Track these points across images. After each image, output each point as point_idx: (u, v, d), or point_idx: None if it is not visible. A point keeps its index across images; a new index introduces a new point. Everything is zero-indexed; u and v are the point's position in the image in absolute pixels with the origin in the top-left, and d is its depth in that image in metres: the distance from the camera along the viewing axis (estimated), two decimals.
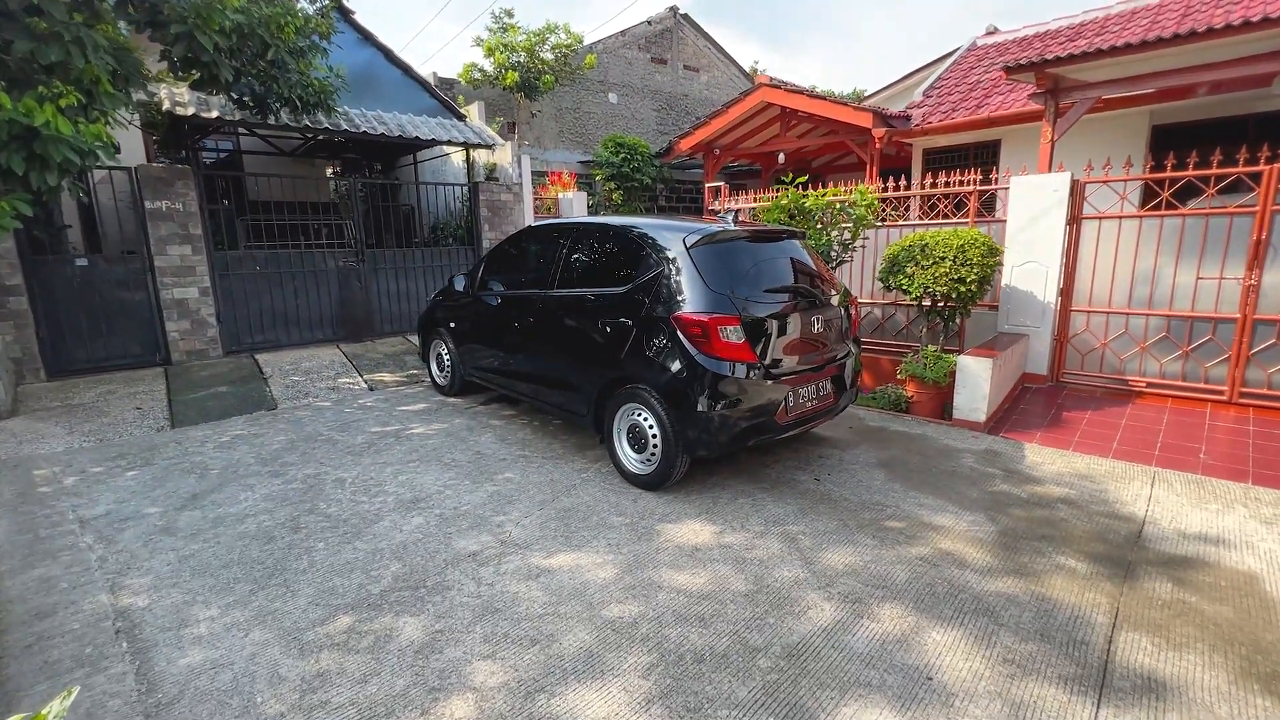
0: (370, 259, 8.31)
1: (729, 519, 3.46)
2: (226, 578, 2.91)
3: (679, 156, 12.60)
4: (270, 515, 3.51)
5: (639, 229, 3.97)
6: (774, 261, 3.99)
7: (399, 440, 4.71)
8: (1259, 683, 2.25)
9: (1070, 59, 5.09)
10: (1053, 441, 4.65)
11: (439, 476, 4.03)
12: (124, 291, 6.62)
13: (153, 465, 4.27)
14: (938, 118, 9.41)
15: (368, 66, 8.59)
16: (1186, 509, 3.59)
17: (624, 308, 3.84)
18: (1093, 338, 5.57)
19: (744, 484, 3.92)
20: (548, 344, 4.45)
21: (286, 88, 5.29)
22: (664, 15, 15.87)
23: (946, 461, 4.32)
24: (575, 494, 3.77)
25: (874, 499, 3.73)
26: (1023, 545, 3.21)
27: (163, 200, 6.64)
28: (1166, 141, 7.87)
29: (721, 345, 3.44)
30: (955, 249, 4.98)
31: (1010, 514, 3.55)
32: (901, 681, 2.24)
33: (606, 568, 2.97)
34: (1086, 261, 5.53)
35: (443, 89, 12.44)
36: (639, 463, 3.85)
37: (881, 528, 3.37)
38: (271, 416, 5.37)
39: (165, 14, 4.04)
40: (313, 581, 2.87)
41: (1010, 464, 4.27)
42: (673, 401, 3.53)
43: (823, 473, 4.12)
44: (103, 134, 4.02)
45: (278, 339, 7.70)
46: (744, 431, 3.57)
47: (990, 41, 11.86)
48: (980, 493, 3.83)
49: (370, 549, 3.15)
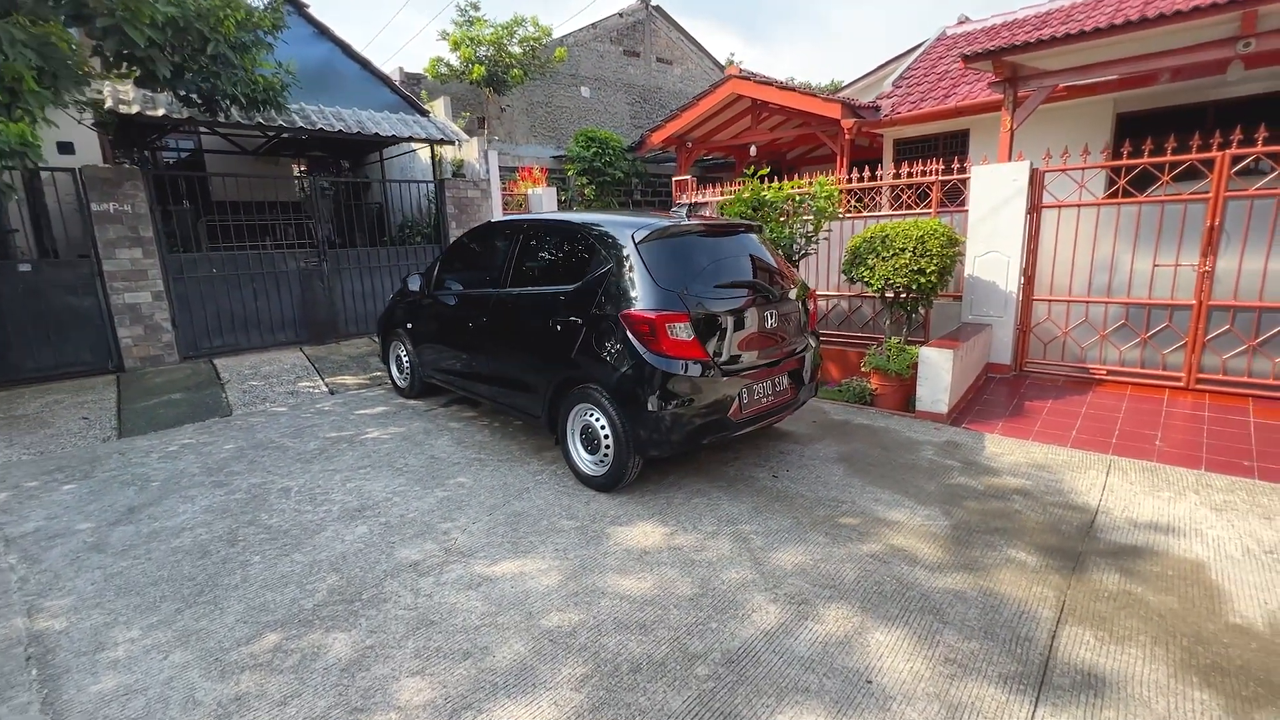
0: (333, 258, 8.13)
1: (682, 519, 3.40)
2: (153, 596, 2.79)
3: (652, 150, 12.49)
4: (208, 528, 3.39)
5: (588, 225, 3.88)
6: (728, 256, 3.92)
7: (352, 446, 4.59)
8: (1198, 675, 2.23)
9: (1025, 47, 5.07)
10: (1013, 431, 4.64)
11: (389, 483, 3.92)
12: (72, 297, 6.41)
13: (92, 478, 4.12)
14: (906, 108, 9.39)
15: (325, 62, 8.38)
16: (1139, 497, 3.59)
17: (574, 306, 3.75)
18: (1055, 326, 5.58)
19: (701, 483, 3.87)
20: (502, 344, 4.35)
21: (230, 84, 5.11)
22: (636, 7, 15.71)
23: (907, 454, 4.29)
24: (527, 497, 3.69)
25: (831, 495, 3.69)
26: (975, 539, 3.18)
27: (110, 202, 6.43)
28: (1131, 129, 7.91)
29: (670, 343, 3.37)
30: (915, 240, 4.95)
31: (965, 507, 3.52)
32: (840, 686, 2.19)
33: (551, 574, 2.90)
34: (1047, 250, 5.53)
35: (409, 84, 12.22)
36: (593, 464, 3.78)
37: (835, 525, 3.33)
38: (224, 424, 5.22)
39: (91, 6, 3.86)
40: (244, 598, 2.76)
41: (969, 456, 4.25)
42: (623, 401, 3.46)
43: (782, 469, 4.08)
44: (26, 134, 3.84)
45: (238, 343, 7.51)
46: (697, 430, 3.51)
47: (960, 31, 11.87)
48: (937, 486, 3.80)
49: (308, 561, 3.05)
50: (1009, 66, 5.49)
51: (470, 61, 11.06)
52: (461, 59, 11.17)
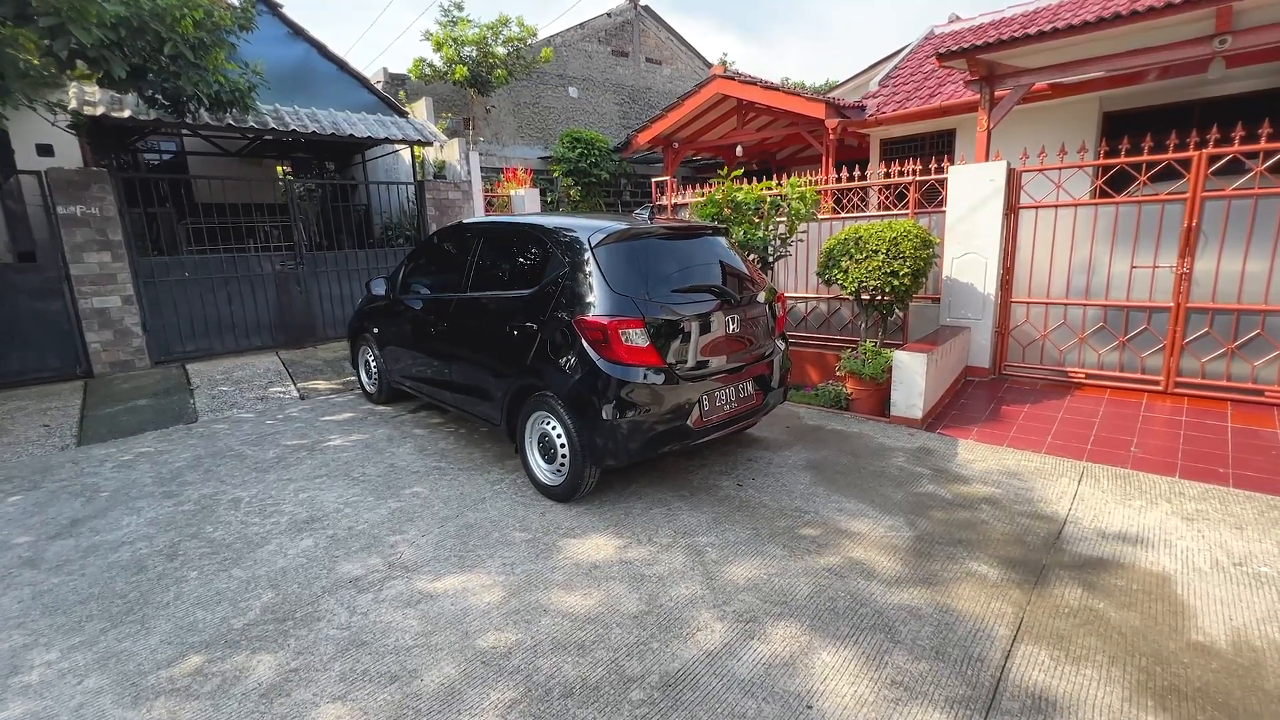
0: (310, 261, 8.03)
1: (637, 531, 3.30)
2: (80, 615, 2.69)
3: (639, 150, 12.39)
4: (149, 542, 3.29)
5: (545, 228, 3.78)
6: (691, 260, 3.82)
7: (312, 454, 4.49)
8: (1153, 698, 2.13)
9: (999, 45, 4.97)
10: (988, 437, 4.55)
11: (343, 493, 3.82)
12: (38, 301, 6.30)
13: (40, 489, 4.02)
14: (891, 108, 9.30)
15: (301, 62, 8.29)
16: (1110, 506, 3.49)
17: (530, 311, 3.65)
18: (1033, 329, 5.48)
19: (663, 492, 3.77)
20: (462, 348, 4.25)
21: (191, 84, 5.01)
22: (624, 7, 15.62)
23: (877, 461, 4.20)
24: (482, 508, 3.59)
25: (794, 504, 3.59)
26: (937, 551, 3.08)
27: (77, 205, 6.32)
28: (1118, 128, 7.82)
29: (624, 349, 3.27)
30: (888, 242, 4.85)
31: (931, 517, 3.43)
32: (779, 712, 2.10)
33: (494, 590, 2.80)
34: (1025, 252, 5.43)
35: (394, 85, 12.11)
36: (550, 473, 3.68)
37: (795, 536, 3.24)
38: (186, 431, 5.12)
39: (35, 6, 3.76)
40: (173, 617, 2.66)
41: (940, 462, 4.16)
42: (577, 409, 3.36)
43: (748, 477, 3.98)
44: None
45: (212, 347, 7.41)
46: (654, 439, 3.41)
47: (948, 30, 11.78)
48: (905, 494, 3.70)
49: (247, 577, 2.95)
50: (984, 65, 5.40)
51: (453, 62, 10.96)
52: (444, 59, 11.07)
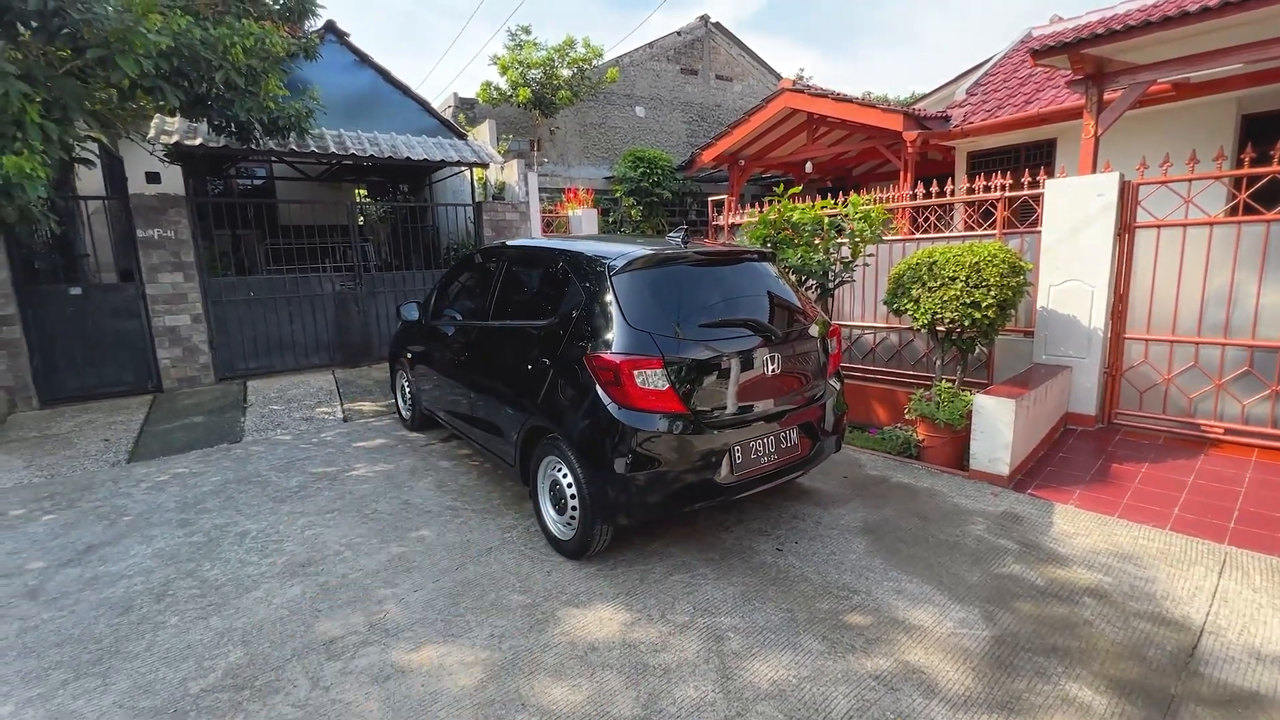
0: (369, 282, 8.16)
1: (650, 604, 2.84)
2: (51, 661, 2.55)
3: (703, 168, 12.01)
4: (146, 577, 3.17)
5: (565, 252, 3.45)
6: (727, 289, 3.37)
7: (333, 484, 4.34)
8: None
9: (1109, 36, 4.21)
10: (1094, 503, 3.76)
11: (348, 532, 3.60)
12: (117, 319, 6.67)
13: (74, 508, 4.07)
14: (980, 117, 8.44)
15: (368, 88, 8.53)
16: (1266, 613, 2.69)
17: (545, 344, 3.31)
18: (1153, 371, 4.58)
19: (688, 553, 3.29)
20: (481, 380, 3.98)
21: (244, 111, 5.11)
22: (694, 25, 15.39)
23: (950, 528, 3.53)
24: (485, 561, 3.25)
25: (842, 580, 3.02)
26: (1023, 662, 2.43)
27: (155, 229, 6.67)
28: (1260, 133, 6.66)
29: (639, 393, 2.85)
30: (968, 267, 4.17)
31: (1016, 610, 2.76)
32: None
33: (474, 670, 2.43)
34: (1143, 279, 4.57)
35: (463, 109, 12.40)
36: (561, 526, 3.30)
37: (838, 625, 2.67)
38: (226, 451, 5.15)
39: (86, 37, 3.88)
40: (136, 672, 2.47)
41: (1031, 534, 3.44)
42: (586, 458, 2.97)
43: (789, 540, 3.43)
44: (26, 166, 3.87)
45: (272, 364, 7.62)
46: (674, 496, 2.96)
47: (1048, 31, 10.69)
48: (983, 576, 3.04)
49: (223, 629, 2.73)
50: (1091, 61, 4.62)
51: (517, 84, 11.05)
52: (509, 82, 11.19)
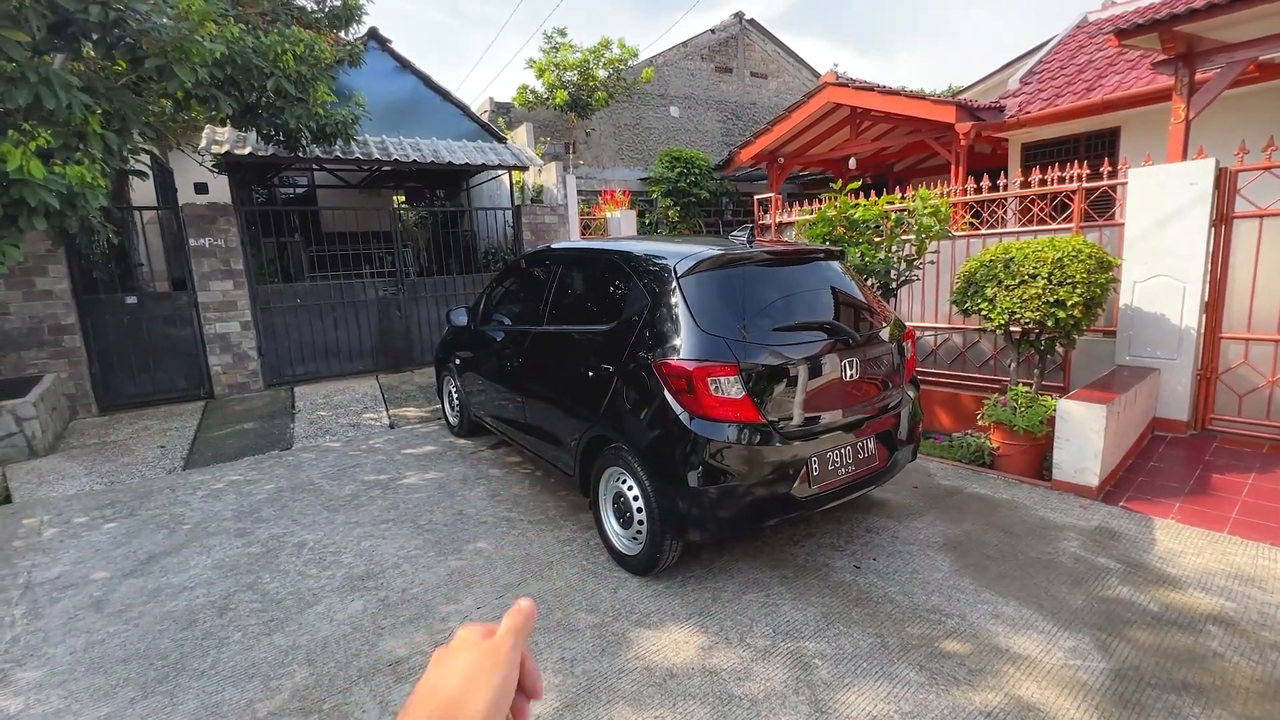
0: (410, 287, 8.18)
1: (726, 625, 2.68)
2: (119, 677, 2.51)
3: (741, 168, 11.79)
4: (208, 589, 3.13)
5: (626, 254, 3.31)
6: (798, 290, 3.19)
7: (385, 493, 4.28)
8: None
9: (1211, 9, 3.89)
10: (1197, 518, 3.46)
11: (405, 544, 3.52)
12: (171, 327, 6.78)
13: (134, 516, 4.08)
14: (1037, 106, 8.05)
15: (409, 94, 8.56)
16: None
17: (607, 351, 3.18)
18: (1254, 373, 4.23)
19: (759, 570, 3.11)
20: (536, 387, 3.87)
21: (294, 118, 5.11)
22: (728, 23, 15.18)
23: (1040, 544, 3.28)
24: (548, 576, 3.12)
25: (930, 602, 2.80)
26: (1151, 700, 2.19)
27: (205, 238, 6.77)
28: None
29: (713, 401, 2.69)
30: (1051, 264, 3.90)
31: (1131, 639, 2.51)
32: None
33: (548, 697, 2.29)
34: (1243, 273, 4.23)
35: (499, 112, 12.42)
36: (626, 540, 3.15)
37: (935, 653, 2.47)
38: (278, 459, 5.15)
39: (144, 48, 3.90)
40: (203, 691, 2.40)
41: (1133, 552, 3.16)
42: (655, 470, 2.82)
43: (867, 556, 3.22)
44: (87, 176, 3.90)
45: (318, 370, 7.67)
46: (749, 511, 2.79)
47: (1105, 15, 10.21)
48: (1087, 599, 2.79)
49: (287, 645, 2.66)
50: (1183, 40, 4.29)
51: (554, 87, 11.01)
52: (545, 85, 11.16)
